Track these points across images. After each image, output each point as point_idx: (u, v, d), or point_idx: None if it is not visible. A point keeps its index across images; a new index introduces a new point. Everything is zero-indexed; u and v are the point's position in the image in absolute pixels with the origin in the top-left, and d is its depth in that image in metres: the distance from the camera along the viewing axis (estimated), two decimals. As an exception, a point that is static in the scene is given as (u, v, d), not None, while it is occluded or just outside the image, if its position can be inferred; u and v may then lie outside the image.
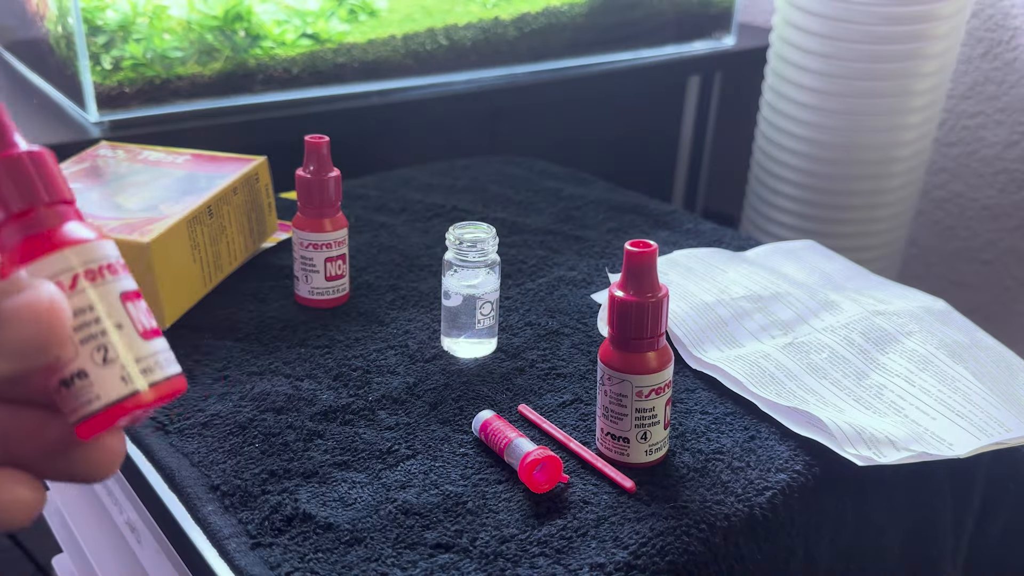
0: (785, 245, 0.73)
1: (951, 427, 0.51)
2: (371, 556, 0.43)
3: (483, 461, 0.49)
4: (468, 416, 0.53)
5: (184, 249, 0.61)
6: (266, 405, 0.53)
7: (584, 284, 0.69)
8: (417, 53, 1.00)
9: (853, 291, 0.65)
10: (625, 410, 0.47)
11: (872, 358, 0.57)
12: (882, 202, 1.11)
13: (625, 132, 1.24)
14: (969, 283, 1.24)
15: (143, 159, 0.69)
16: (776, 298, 0.62)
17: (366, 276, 0.68)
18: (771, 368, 0.55)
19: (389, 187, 0.85)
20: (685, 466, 0.49)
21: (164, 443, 0.50)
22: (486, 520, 0.45)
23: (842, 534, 0.50)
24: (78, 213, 0.26)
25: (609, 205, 0.83)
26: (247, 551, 0.43)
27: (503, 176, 0.88)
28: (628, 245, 0.45)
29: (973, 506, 0.56)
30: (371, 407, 0.53)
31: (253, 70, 0.92)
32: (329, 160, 0.62)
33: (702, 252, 0.70)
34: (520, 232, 0.77)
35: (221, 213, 0.64)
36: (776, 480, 0.48)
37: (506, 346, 0.60)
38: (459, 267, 0.57)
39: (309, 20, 0.94)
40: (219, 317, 0.62)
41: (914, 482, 0.53)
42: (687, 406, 0.54)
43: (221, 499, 0.46)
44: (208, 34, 0.89)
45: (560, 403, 0.54)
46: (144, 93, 0.87)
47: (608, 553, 0.43)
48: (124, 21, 0.85)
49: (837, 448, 0.48)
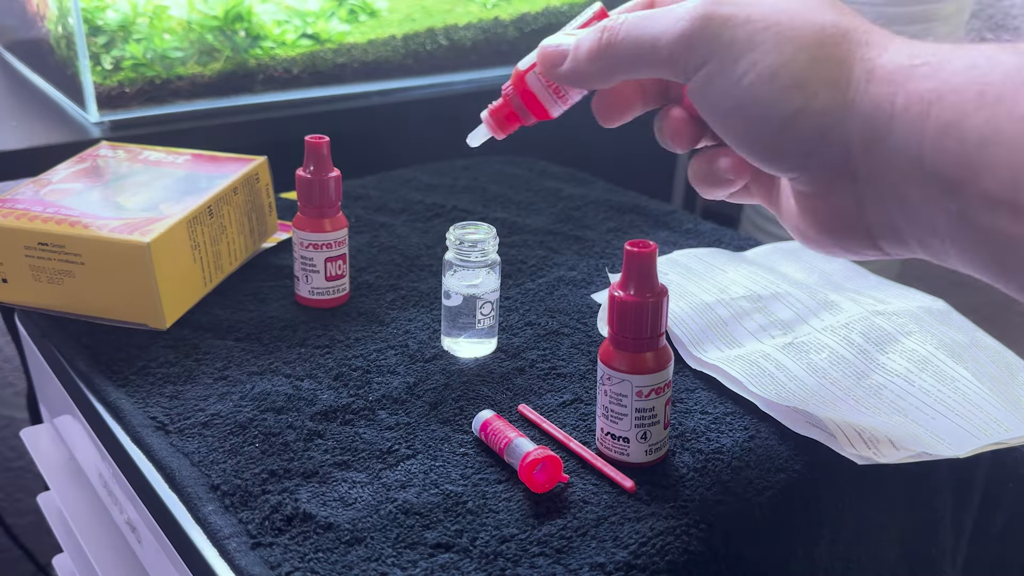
0: (785, 245, 0.73)
1: (951, 427, 0.51)
2: (371, 556, 0.43)
3: (483, 461, 0.49)
4: (468, 416, 0.53)
5: (184, 249, 0.61)
6: (266, 405, 0.53)
7: (584, 284, 0.69)
8: (417, 53, 1.00)
9: (853, 291, 0.65)
10: (625, 410, 0.47)
11: (872, 358, 0.57)
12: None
13: (625, 132, 1.23)
14: (969, 283, 1.24)
15: (143, 159, 0.69)
16: (776, 298, 0.62)
17: (366, 276, 0.69)
18: (771, 368, 0.55)
19: (389, 187, 0.85)
20: (685, 466, 0.49)
21: (164, 443, 0.50)
22: (486, 520, 0.45)
23: (842, 534, 0.50)
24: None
25: (609, 205, 0.83)
26: (247, 551, 0.43)
27: (503, 176, 0.89)
28: (628, 245, 0.45)
29: (973, 506, 0.56)
30: (371, 407, 0.53)
31: (253, 70, 0.92)
32: (329, 160, 0.62)
33: (702, 252, 0.70)
34: (520, 232, 0.77)
35: (221, 213, 0.64)
36: (776, 480, 0.48)
37: (506, 346, 0.60)
38: (459, 267, 0.57)
39: (309, 20, 0.94)
40: (219, 317, 0.62)
41: (914, 482, 0.53)
42: (687, 406, 0.54)
43: (221, 499, 0.46)
44: (208, 34, 0.89)
45: (560, 403, 0.54)
46: (144, 93, 0.87)
47: (608, 553, 0.43)
48: (124, 21, 0.85)
49: (837, 448, 0.48)
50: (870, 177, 0.37)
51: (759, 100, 0.37)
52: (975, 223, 0.34)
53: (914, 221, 0.37)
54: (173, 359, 0.57)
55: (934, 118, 0.34)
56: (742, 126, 0.39)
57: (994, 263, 0.35)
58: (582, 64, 0.43)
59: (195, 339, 0.60)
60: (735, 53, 0.38)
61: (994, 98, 0.33)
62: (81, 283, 0.59)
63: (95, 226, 0.58)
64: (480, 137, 0.51)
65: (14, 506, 1.25)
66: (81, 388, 0.56)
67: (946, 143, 0.34)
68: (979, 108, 0.33)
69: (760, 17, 0.38)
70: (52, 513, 0.70)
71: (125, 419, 0.52)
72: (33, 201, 0.61)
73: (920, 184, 0.35)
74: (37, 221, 0.59)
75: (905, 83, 0.35)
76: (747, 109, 0.38)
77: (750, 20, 0.38)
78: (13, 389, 1.24)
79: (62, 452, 0.68)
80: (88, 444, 0.58)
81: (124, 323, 0.60)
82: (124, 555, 0.59)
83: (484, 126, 0.50)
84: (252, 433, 0.51)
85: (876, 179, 0.37)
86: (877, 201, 0.38)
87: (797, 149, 0.38)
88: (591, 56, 0.43)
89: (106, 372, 0.56)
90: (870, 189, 0.38)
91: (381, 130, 1.03)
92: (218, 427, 0.51)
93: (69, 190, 0.63)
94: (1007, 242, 0.33)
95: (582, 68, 0.43)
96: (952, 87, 0.34)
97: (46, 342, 0.61)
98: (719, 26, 0.38)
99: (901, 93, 0.35)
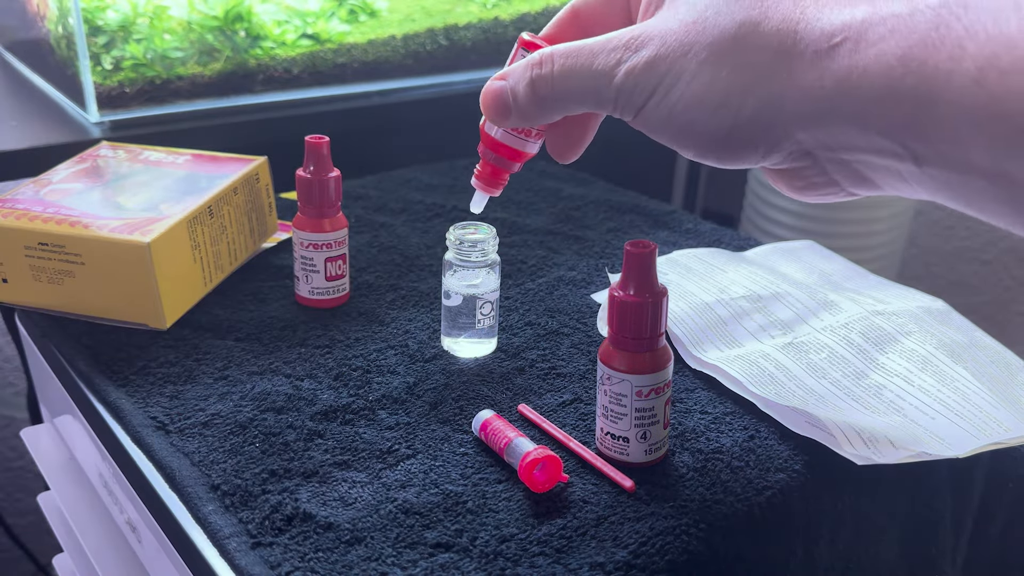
0: (785, 245, 0.73)
1: (950, 427, 0.51)
2: (371, 555, 0.43)
3: (483, 461, 0.49)
4: (468, 416, 0.53)
5: (184, 249, 0.61)
6: (266, 405, 0.53)
7: (584, 284, 0.69)
8: (417, 53, 1.00)
9: (852, 291, 0.65)
10: (625, 410, 0.47)
11: (871, 358, 0.57)
12: (881, 202, 1.11)
13: (625, 132, 1.24)
14: (968, 283, 1.24)
15: (144, 159, 0.69)
16: (775, 298, 0.62)
17: (366, 276, 0.69)
18: (770, 368, 0.55)
19: (389, 187, 0.85)
20: (685, 465, 0.49)
21: (164, 443, 0.50)
22: (486, 520, 0.45)
23: (841, 534, 0.50)
24: None
25: (609, 205, 0.83)
26: (247, 550, 0.43)
27: (503, 176, 0.89)
28: (628, 245, 0.45)
29: (972, 506, 0.56)
30: (371, 407, 0.53)
31: (253, 70, 0.92)
32: (329, 160, 0.62)
33: (702, 252, 0.70)
34: (520, 232, 0.77)
35: (221, 213, 0.64)
36: (775, 480, 0.48)
37: (506, 346, 0.60)
38: (459, 267, 0.57)
39: (309, 20, 0.94)
40: (219, 317, 0.62)
41: (913, 482, 0.53)
42: (687, 406, 0.54)
43: (221, 499, 0.46)
44: (208, 34, 0.89)
45: (560, 403, 0.54)
46: (144, 93, 0.87)
47: (608, 552, 0.43)
48: (124, 21, 0.85)
49: (836, 448, 0.48)
50: (824, 149, 0.39)
51: (696, 125, 0.40)
52: (936, 173, 0.35)
53: (879, 171, 0.38)
54: (173, 359, 0.57)
55: (866, 88, 0.35)
56: (690, 146, 0.41)
57: (960, 196, 0.36)
58: (524, 108, 0.45)
59: (195, 339, 0.60)
60: (666, 86, 0.40)
61: (918, 63, 0.34)
62: (81, 283, 0.59)
63: (95, 226, 0.58)
64: (479, 202, 0.52)
65: (14, 506, 1.26)
66: (81, 388, 0.56)
67: (885, 107, 0.35)
68: (906, 74, 0.34)
69: (677, 44, 0.39)
70: (52, 513, 0.70)
71: (125, 419, 0.52)
72: (33, 201, 0.61)
73: (876, 144, 0.36)
74: (37, 221, 0.59)
75: (829, 64, 0.36)
76: (690, 133, 0.40)
77: (670, 52, 0.39)
78: (13, 389, 1.24)
79: (62, 452, 0.68)
80: (88, 444, 0.58)
81: (124, 323, 0.60)
82: (124, 555, 0.59)
83: (478, 191, 0.51)
84: (252, 433, 0.51)
85: (830, 150, 0.38)
86: (839, 166, 0.40)
87: (748, 154, 0.40)
88: (529, 100, 0.44)
89: (106, 372, 0.56)
90: (828, 162, 0.40)
91: (381, 130, 1.03)
92: (218, 427, 0.51)
93: (69, 190, 0.63)
94: (971, 181, 0.35)
95: (526, 112, 0.45)
96: (871, 60, 0.35)
97: (46, 342, 0.61)
98: (646, 68, 0.40)
99: (827, 75, 0.36)
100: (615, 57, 0.41)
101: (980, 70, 0.32)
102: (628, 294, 0.46)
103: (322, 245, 0.62)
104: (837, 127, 0.36)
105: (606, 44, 0.41)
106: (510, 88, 0.45)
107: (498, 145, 0.49)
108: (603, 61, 0.41)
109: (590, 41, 0.42)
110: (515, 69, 0.45)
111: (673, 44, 0.39)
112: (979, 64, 0.32)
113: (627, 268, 0.46)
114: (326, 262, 0.63)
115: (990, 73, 0.32)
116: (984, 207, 0.35)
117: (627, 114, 0.42)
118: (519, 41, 0.47)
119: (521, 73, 0.44)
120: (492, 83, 0.46)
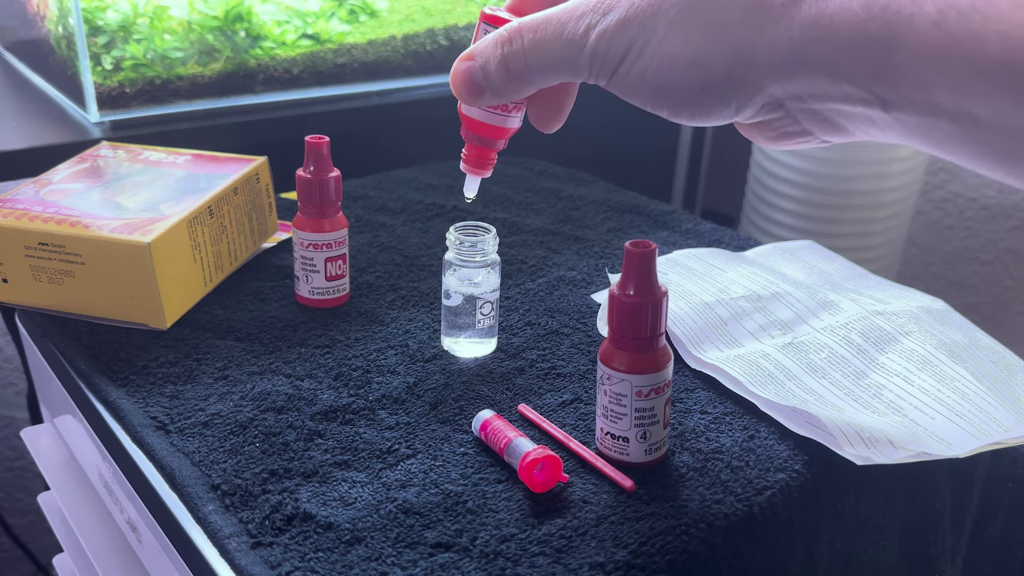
0: (784, 245, 0.73)
1: (950, 427, 0.51)
2: (371, 555, 0.43)
3: (483, 461, 0.49)
4: (468, 416, 0.53)
5: (184, 249, 0.61)
6: (266, 405, 0.53)
7: (584, 284, 0.69)
8: (417, 53, 1.00)
9: (852, 291, 0.65)
10: (625, 410, 0.47)
11: (871, 358, 0.57)
12: (881, 202, 1.11)
13: (625, 132, 1.24)
14: (968, 283, 1.24)
15: (144, 159, 0.69)
16: (775, 298, 0.63)
17: (366, 276, 0.69)
18: (770, 368, 0.55)
19: (389, 187, 0.85)
20: (684, 465, 0.49)
21: (164, 443, 0.50)
22: (486, 519, 0.45)
23: (841, 533, 0.50)
24: None
25: (609, 205, 0.83)
26: (247, 550, 0.43)
27: (503, 176, 0.89)
28: (628, 245, 0.45)
29: (972, 506, 0.57)
30: (371, 407, 0.53)
31: (253, 70, 0.92)
32: (329, 160, 0.62)
33: (702, 252, 0.70)
34: (520, 232, 0.77)
35: (222, 213, 0.64)
36: (775, 480, 0.48)
37: (506, 346, 0.60)
38: (459, 267, 0.57)
39: (309, 20, 0.94)
40: (219, 317, 0.62)
41: (913, 482, 0.53)
42: (687, 406, 0.54)
43: (221, 499, 0.46)
44: (209, 34, 0.89)
45: (560, 403, 0.54)
46: (145, 93, 0.87)
47: (608, 552, 0.43)
48: (125, 21, 0.85)
49: (836, 448, 0.48)
50: (796, 100, 0.39)
51: (669, 84, 0.40)
52: (904, 118, 0.36)
53: (851, 118, 0.39)
54: (173, 359, 0.57)
55: (832, 36, 0.35)
56: (664, 105, 0.41)
57: (930, 139, 0.37)
58: (497, 86, 0.44)
59: (195, 339, 0.60)
60: (638, 48, 0.40)
61: (880, 7, 0.34)
62: (81, 283, 0.59)
63: (95, 226, 0.58)
64: (472, 186, 0.52)
65: (14, 506, 1.26)
66: (81, 388, 0.56)
67: (852, 54, 0.35)
68: (869, 19, 0.34)
69: (646, 5, 0.39)
70: (52, 513, 0.70)
71: (125, 419, 0.52)
72: (33, 201, 0.61)
73: (845, 92, 0.37)
74: (37, 221, 0.59)
75: (796, 13, 0.36)
76: (663, 93, 0.40)
77: (639, 13, 0.40)
78: (13, 389, 1.24)
79: (62, 452, 0.68)
80: (88, 444, 0.58)
81: (124, 323, 0.60)
82: (124, 555, 0.59)
83: (469, 176, 0.51)
84: (252, 433, 0.51)
85: (801, 100, 0.39)
86: (811, 115, 0.40)
87: (721, 110, 0.40)
88: (502, 78, 0.44)
89: (106, 372, 0.56)
90: (799, 112, 0.40)
91: (381, 130, 1.03)
92: (218, 427, 0.51)
93: (69, 190, 0.63)
94: (938, 124, 0.35)
95: (500, 89, 0.44)
96: (836, 7, 0.35)
97: (46, 342, 0.61)
98: (616, 30, 0.40)
99: (795, 26, 0.36)
100: (584, 23, 0.41)
101: (940, 12, 0.32)
102: (628, 294, 0.46)
103: (322, 245, 0.62)
104: (807, 77, 0.37)
105: (573, 11, 0.41)
106: (480, 67, 0.44)
107: (478, 125, 0.48)
108: (572, 29, 0.41)
109: (556, 10, 0.42)
110: (483, 47, 0.44)
111: (642, 5, 0.40)
112: (939, 6, 0.32)
113: (627, 268, 0.46)
114: (326, 262, 0.63)
115: (950, 14, 0.32)
116: (953, 149, 0.35)
117: (601, 78, 0.42)
118: (481, 16, 0.46)
119: (491, 51, 0.44)
120: (460, 63, 0.45)
